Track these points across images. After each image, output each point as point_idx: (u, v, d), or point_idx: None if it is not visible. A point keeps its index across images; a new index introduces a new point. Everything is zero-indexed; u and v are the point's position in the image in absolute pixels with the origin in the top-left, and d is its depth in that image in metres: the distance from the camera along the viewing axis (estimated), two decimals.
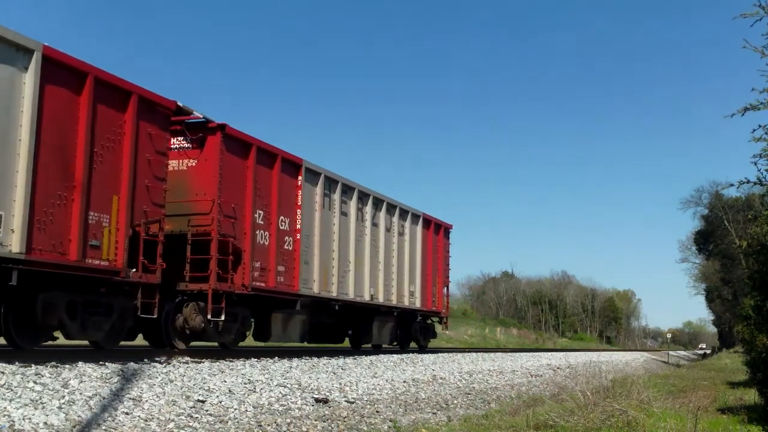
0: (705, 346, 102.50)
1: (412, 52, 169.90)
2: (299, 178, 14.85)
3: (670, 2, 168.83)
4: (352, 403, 9.51)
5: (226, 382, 8.98)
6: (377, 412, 8.90)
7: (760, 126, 8.27)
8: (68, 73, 9.49)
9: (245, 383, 9.20)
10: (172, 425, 6.55)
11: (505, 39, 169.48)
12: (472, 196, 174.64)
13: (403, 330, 21.16)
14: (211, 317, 12.18)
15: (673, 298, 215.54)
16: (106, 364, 8.73)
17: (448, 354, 21.27)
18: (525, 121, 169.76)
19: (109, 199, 10.06)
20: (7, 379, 6.84)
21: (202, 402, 7.68)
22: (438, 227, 22.86)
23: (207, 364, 10.23)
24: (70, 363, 8.38)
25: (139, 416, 6.61)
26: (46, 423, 5.80)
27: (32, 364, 7.93)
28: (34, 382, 6.90)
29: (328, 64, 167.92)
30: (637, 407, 7.71)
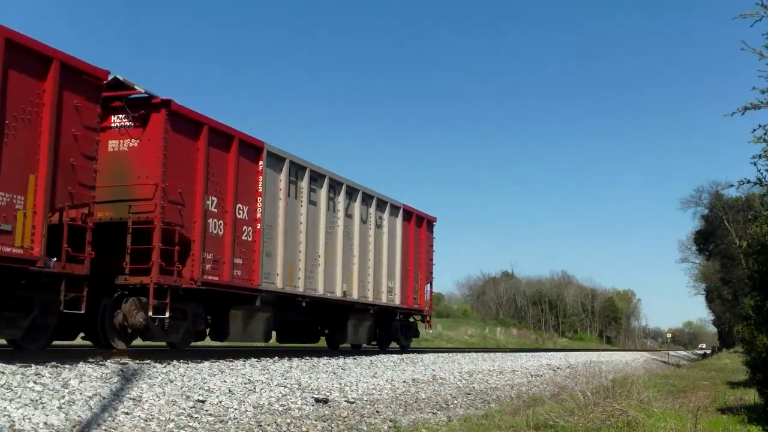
0: (705, 346, 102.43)
1: (412, 52, 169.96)
2: (260, 162, 13.51)
3: (670, 2, 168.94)
4: (352, 403, 9.52)
5: (226, 382, 8.99)
6: (377, 412, 8.91)
7: (760, 126, 8.27)
8: None
9: (245, 383, 9.21)
10: (172, 425, 6.56)
11: (505, 39, 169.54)
12: (472, 196, 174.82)
13: (382, 329, 19.88)
14: (153, 314, 10.93)
15: (673, 298, 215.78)
16: (106, 363, 8.75)
17: (448, 354, 21.21)
18: (525, 121, 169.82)
19: (24, 179, 8.71)
20: (7, 379, 6.84)
21: (202, 402, 7.68)
22: (420, 220, 21.17)
23: (207, 364, 10.23)
24: (70, 363, 8.39)
25: (139, 416, 6.62)
26: (46, 423, 5.80)
27: (32, 364, 7.94)
28: (34, 382, 6.91)
29: (328, 64, 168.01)
30: (637, 407, 7.72)
